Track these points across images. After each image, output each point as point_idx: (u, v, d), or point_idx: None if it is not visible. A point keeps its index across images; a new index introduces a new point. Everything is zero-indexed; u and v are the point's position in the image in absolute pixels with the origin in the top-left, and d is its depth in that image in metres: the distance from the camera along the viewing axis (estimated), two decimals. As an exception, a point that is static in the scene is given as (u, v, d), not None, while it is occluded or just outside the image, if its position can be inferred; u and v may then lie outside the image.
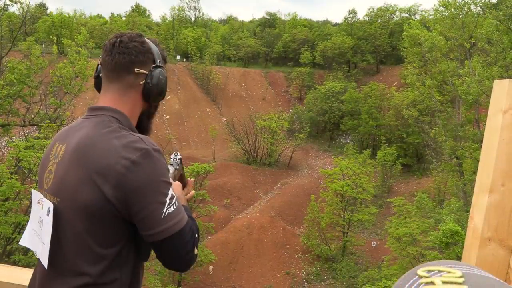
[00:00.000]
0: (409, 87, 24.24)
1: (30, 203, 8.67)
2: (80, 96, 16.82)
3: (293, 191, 24.72)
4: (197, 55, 41.91)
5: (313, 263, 19.36)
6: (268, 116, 30.59)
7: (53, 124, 10.38)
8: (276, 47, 48.05)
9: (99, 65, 1.39)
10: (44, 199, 1.27)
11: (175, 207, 1.22)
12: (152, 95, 1.36)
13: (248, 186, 25.48)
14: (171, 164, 1.52)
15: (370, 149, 28.90)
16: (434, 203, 17.40)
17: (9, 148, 12.38)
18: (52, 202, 1.24)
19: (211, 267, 18.27)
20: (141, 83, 1.34)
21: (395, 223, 16.56)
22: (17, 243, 9.22)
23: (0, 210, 9.44)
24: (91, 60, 15.86)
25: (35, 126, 13.81)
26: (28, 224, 1.34)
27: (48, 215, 1.24)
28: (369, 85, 34.42)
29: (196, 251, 1.27)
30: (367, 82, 37.45)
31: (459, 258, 10.54)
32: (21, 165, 10.08)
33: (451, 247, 10.59)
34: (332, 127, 35.44)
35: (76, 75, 14.80)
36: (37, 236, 1.28)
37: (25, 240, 1.34)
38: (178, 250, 1.22)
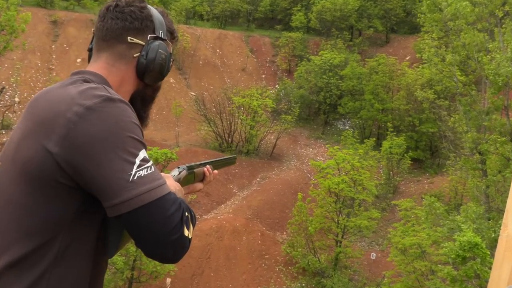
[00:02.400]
0: (425, 63, 24.47)
1: None
2: (5, 56, 16.36)
3: (275, 188, 24.86)
4: (160, 10, 41.14)
5: (298, 277, 19.61)
6: (248, 91, 30.49)
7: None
8: (262, 4, 47.60)
9: (94, 36, 1.45)
10: None
11: (150, 171, 1.21)
12: (147, 73, 1.39)
13: (219, 179, 25.45)
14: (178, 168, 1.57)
15: (374, 139, 29.24)
16: (448, 208, 17.83)
17: None
18: None
19: (168, 280, 18.29)
20: (134, 55, 1.39)
21: (401, 231, 16.90)
22: None
23: None
24: (23, 10, 15.37)
25: None
26: None
27: None
28: (376, 58, 34.61)
29: (187, 232, 1.23)
30: (373, 55, 37.59)
31: (477, 275, 10.87)
32: None
33: (468, 262, 10.90)
34: (327, 109, 35.57)
35: (2, 28, 14.36)
36: None
37: None
38: (158, 227, 1.17)
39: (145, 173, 1.20)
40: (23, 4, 18.86)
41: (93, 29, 1.44)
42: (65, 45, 33.14)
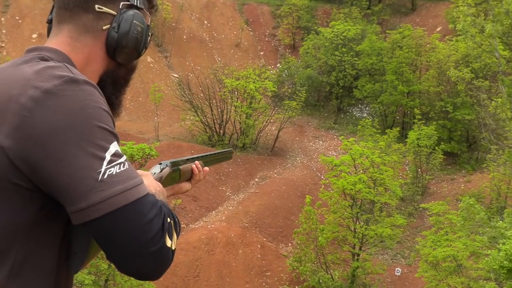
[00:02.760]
0: (459, 35, 24.47)
1: None
2: None
3: (278, 190, 24.90)
4: (134, -27, 41.01)
5: (306, 299, 19.71)
6: (243, 72, 30.47)
7: None
8: (259, -35, 47.49)
9: (53, 6, 1.45)
10: None
11: (123, 168, 1.20)
12: (119, 49, 1.38)
13: (209, 180, 25.46)
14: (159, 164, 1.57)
15: (398, 128, 29.26)
16: (489, 212, 17.90)
17: None
18: None
19: (149, 303, 18.34)
20: (104, 28, 1.38)
21: (431, 240, 16.96)
22: None
23: None
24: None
25: None
26: None
27: None
28: (400, 30, 34.59)
29: (169, 242, 1.22)
30: (396, 26, 37.60)
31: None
32: None
33: (514, 277, 10.95)
34: (341, 93, 35.60)
35: None
36: None
37: None
38: (134, 236, 1.16)
39: (117, 171, 1.19)
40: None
41: None
42: (17, 18, 32.98)
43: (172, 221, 1.26)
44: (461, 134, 30.33)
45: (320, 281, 19.74)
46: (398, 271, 20.49)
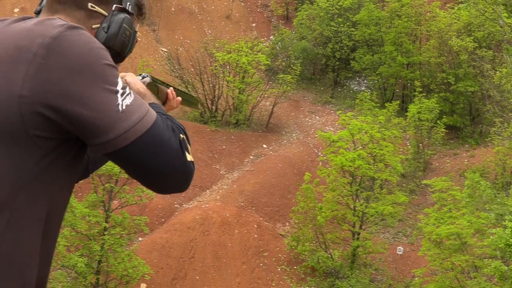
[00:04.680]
0: (461, 3, 24.40)
1: None
2: None
3: (274, 167, 24.96)
4: None
5: (305, 279, 19.81)
6: (235, 45, 30.29)
7: None
8: None
9: None
10: None
11: (132, 98, 1.36)
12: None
13: (202, 159, 25.50)
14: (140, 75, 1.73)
15: (398, 102, 29.23)
16: (494, 188, 17.97)
17: None
18: None
19: (143, 286, 18.49)
20: (93, 26, 1.49)
21: (434, 218, 17.04)
22: None
23: None
24: None
25: None
26: None
27: None
28: (398, -2, 34.38)
29: (188, 156, 1.42)
30: (394, -6, 37.38)
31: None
32: None
33: (521, 255, 11.02)
34: (337, 66, 35.44)
35: None
36: None
37: None
38: (162, 156, 1.35)
39: (130, 101, 1.34)
40: None
41: None
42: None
43: (184, 136, 1.44)
44: (464, 107, 30.29)
45: (319, 261, 19.89)
46: (400, 250, 20.64)
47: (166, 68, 31.11)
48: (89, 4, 1.48)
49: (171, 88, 1.83)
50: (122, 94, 1.33)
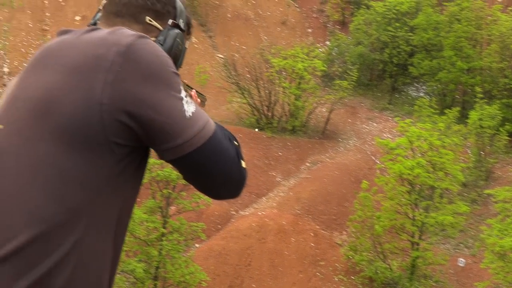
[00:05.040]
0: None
1: None
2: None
3: (331, 175, 24.84)
4: (176, -51, 41.17)
5: (363, 289, 19.67)
6: (291, 51, 30.29)
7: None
8: None
9: (99, 11, 1.64)
10: None
11: (194, 105, 1.42)
12: None
13: (258, 165, 25.61)
14: None
15: (458, 108, 28.68)
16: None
17: None
18: None
19: (200, 293, 18.61)
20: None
21: (498, 229, 16.66)
22: None
23: None
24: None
25: None
26: None
27: None
28: (458, 2, 33.72)
29: (242, 163, 1.49)
30: (454, -3, 36.79)
31: None
32: None
33: None
34: (395, 71, 35.02)
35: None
36: None
37: None
38: (222, 162, 1.42)
39: (193, 108, 1.40)
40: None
41: (102, 2, 1.63)
42: (60, 0, 33.56)
43: (237, 143, 1.51)
44: (528, 113, 29.58)
45: (377, 271, 19.68)
46: (461, 262, 20.23)
47: (222, 75, 31.39)
48: (147, 18, 1.57)
49: (194, 90, 1.88)
50: (186, 101, 1.39)
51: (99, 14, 1.66)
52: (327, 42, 38.77)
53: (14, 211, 1.32)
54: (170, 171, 17.13)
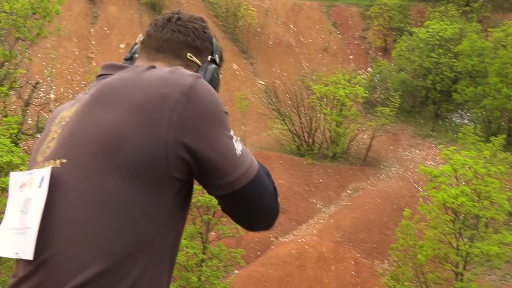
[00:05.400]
0: None
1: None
2: (39, 44, 17.32)
3: (372, 202, 24.63)
4: (219, -22, 41.91)
5: (405, 320, 19.28)
6: (332, 78, 30.40)
7: (1, 88, 10.73)
8: (347, -36, 47.47)
9: (136, 45, 1.74)
10: (35, 170, 1.46)
11: (241, 144, 1.50)
12: None
13: (299, 192, 25.55)
14: None
15: (504, 136, 28.17)
16: None
17: None
18: (48, 167, 1.42)
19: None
20: None
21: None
22: None
23: None
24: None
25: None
26: (1, 226, 1.48)
27: (41, 186, 1.41)
28: (503, 28, 33.49)
29: (278, 198, 1.57)
30: (499, 23, 36.25)
31: None
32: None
33: None
34: (438, 98, 34.72)
35: (34, 11, 15.15)
36: (18, 232, 1.43)
37: None
38: (263, 198, 1.50)
39: (241, 147, 1.49)
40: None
41: (140, 37, 1.73)
42: (105, 28, 34.48)
43: (271, 178, 1.56)
44: None
45: (420, 301, 19.28)
46: (508, 294, 19.72)
47: (263, 101, 31.61)
48: (188, 54, 1.66)
49: None
50: (235, 140, 1.47)
51: (136, 47, 1.74)
52: (369, 69, 38.73)
53: (83, 244, 1.35)
54: (210, 197, 17.23)
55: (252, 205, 1.49)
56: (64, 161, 1.41)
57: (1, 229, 1.47)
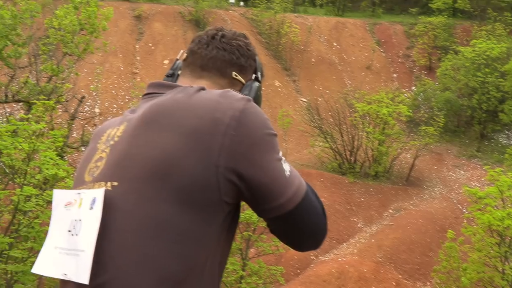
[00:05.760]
0: None
1: (12, 216, 9.17)
2: (85, 59, 17.72)
3: (414, 223, 24.30)
4: (263, -4, 42.34)
5: None
6: (375, 96, 30.33)
7: (48, 101, 10.97)
8: (392, -18, 47.45)
9: (178, 61, 1.75)
10: (85, 191, 1.44)
11: (288, 164, 1.51)
12: None
13: (340, 211, 25.41)
14: None
15: (552, 157, 27.59)
16: None
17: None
18: (101, 189, 1.41)
19: (277, 338, 18.41)
20: None
21: None
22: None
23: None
24: (104, 5, 16.47)
25: (21, 103, 14.69)
26: (46, 244, 1.48)
27: (92, 208, 1.39)
28: (552, 48, 32.88)
29: (325, 218, 1.57)
30: (547, 43, 35.77)
31: None
32: (2, 161, 10.69)
33: None
34: (484, 118, 34.30)
35: (82, 27, 15.52)
36: (65, 252, 1.41)
37: (41, 266, 1.46)
38: (313, 219, 1.51)
39: (289, 167, 1.50)
40: (104, -3, 20.28)
41: (181, 53, 1.74)
42: (150, 44, 35.14)
43: (319, 198, 1.57)
44: None
45: (464, 326, 18.84)
46: (555, 320, 19.06)
47: (305, 118, 31.71)
48: (233, 73, 1.67)
49: None
50: (284, 161, 1.48)
51: (178, 64, 1.75)
52: (413, 88, 38.55)
53: (138, 270, 1.35)
54: (251, 214, 17.20)
55: (302, 225, 1.49)
56: (115, 183, 1.41)
57: (45, 247, 1.47)
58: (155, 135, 1.41)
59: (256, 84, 1.70)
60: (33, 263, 1.51)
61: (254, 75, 1.72)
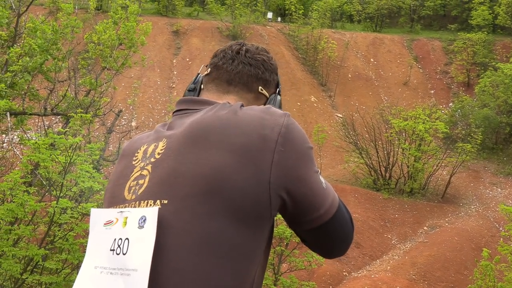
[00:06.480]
0: None
1: (44, 229, 9.40)
2: (123, 74, 17.99)
3: (449, 240, 23.92)
4: (300, 12, 42.46)
5: None
6: (412, 112, 30.09)
7: (86, 115, 11.17)
8: (430, -2, 47.09)
9: (199, 75, 1.79)
10: (130, 209, 1.43)
11: (321, 176, 1.55)
12: None
13: (374, 227, 25.19)
14: None
15: None
16: None
17: (23, 146, 13.55)
18: (154, 208, 1.39)
19: None
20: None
21: None
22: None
23: (6, 238, 10.21)
24: (143, 20, 16.81)
25: (59, 116, 15.00)
26: (84, 264, 1.46)
27: (142, 227, 1.38)
28: None
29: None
30: None
31: None
32: (39, 173, 10.95)
33: None
34: (523, 136, 33.69)
35: (121, 42, 15.79)
36: (109, 272, 1.39)
37: (81, 286, 1.42)
38: (345, 228, 1.56)
39: (323, 179, 1.54)
40: (142, 13, 20.66)
41: (202, 67, 1.79)
42: (187, 59, 35.62)
43: (346, 207, 1.61)
44: None
45: None
46: None
47: (340, 134, 31.56)
48: (259, 87, 1.71)
49: None
50: (319, 173, 1.53)
51: (200, 77, 1.78)
52: (451, 104, 38.10)
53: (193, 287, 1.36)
54: (284, 229, 17.18)
55: (335, 235, 1.54)
56: (165, 201, 1.40)
57: (84, 266, 1.45)
58: (204, 152, 1.41)
59: (279, 97, 1.75)
60: (66, 274, 1.56)
61: (277, 89, 1.77)
